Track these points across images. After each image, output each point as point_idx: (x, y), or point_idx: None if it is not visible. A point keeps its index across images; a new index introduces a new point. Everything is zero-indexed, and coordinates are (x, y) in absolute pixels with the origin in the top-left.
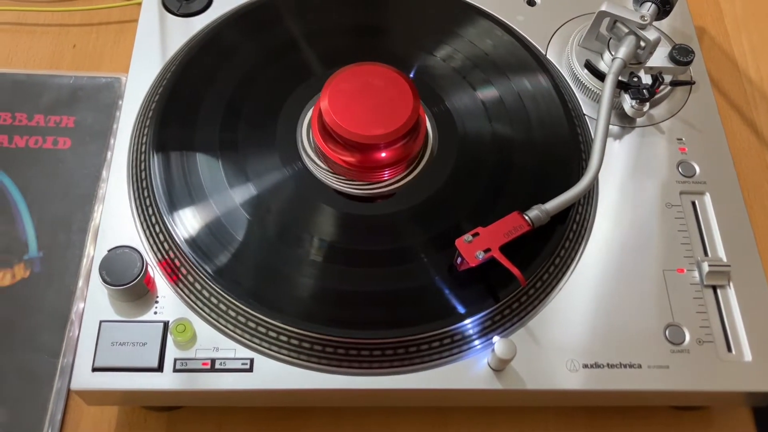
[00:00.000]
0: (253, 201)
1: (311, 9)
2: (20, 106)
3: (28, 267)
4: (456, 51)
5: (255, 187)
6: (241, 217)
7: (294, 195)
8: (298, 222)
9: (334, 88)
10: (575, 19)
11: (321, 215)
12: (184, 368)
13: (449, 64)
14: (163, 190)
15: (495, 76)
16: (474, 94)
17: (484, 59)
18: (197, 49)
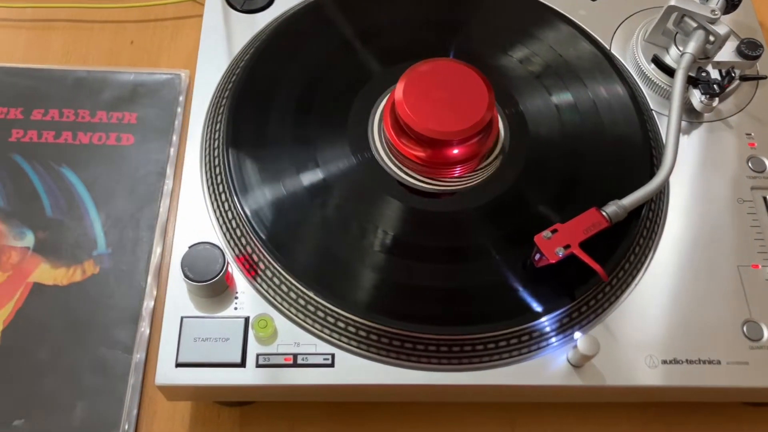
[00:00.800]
0: (326, 195)
1: (379, 3)
2: (82, 103)
3: (97, 263)
4: (530, 51)
5: (328, 181)
6: (318, 212)
7: (365, 188)
8: (376, 218)
9: (409, 82)
10: (638, 14)
11: (391, 209)
12: (267, 363)
13: (522, 63)
14: (238, 185)
15: (569, 78)
16: (545, 93)
17: (558, 60)
18: (267, 44)
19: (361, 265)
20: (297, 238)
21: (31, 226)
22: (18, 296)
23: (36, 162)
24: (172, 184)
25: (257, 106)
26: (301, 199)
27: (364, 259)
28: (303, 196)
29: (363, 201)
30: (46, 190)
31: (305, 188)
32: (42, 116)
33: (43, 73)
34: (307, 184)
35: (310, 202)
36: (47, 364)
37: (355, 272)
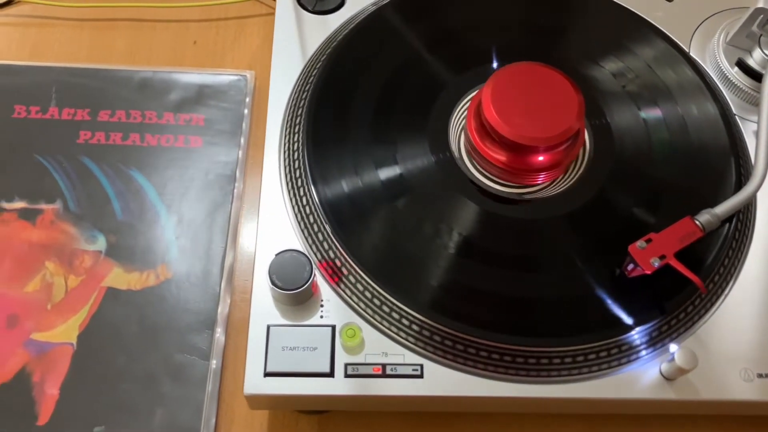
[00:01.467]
0: (411, 200)
1: (471, 3)
2: (149, 104)
3: (170, 268)
4: (621, 62)
5: (411, 184)
6: (401, 217)
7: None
8: (461, 224)
9: (498, 84)
10: (717, 15)
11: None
12: (356, 374)
13: (611, 75)
14: (320, 189)
15: (655, 88)
16: (633, 106)
17: (647, 72)
18: (344, 46)
19: (447, 273)
20: (380, 243)
21: (102, 229)
22: (92, 301)
23: (105, 164)
24: (242, 187)
25: (336, 110)
26: (384, 203)
27: (451, 267)
28: (385, 200)
29: (447, 206)
30: (115, 193)
31: (387, 192)
32: (109, 117)
33: (109, 74)
34: (388, 187)
35: (393, 207)
36: (125, 370)
37: (442, 280)
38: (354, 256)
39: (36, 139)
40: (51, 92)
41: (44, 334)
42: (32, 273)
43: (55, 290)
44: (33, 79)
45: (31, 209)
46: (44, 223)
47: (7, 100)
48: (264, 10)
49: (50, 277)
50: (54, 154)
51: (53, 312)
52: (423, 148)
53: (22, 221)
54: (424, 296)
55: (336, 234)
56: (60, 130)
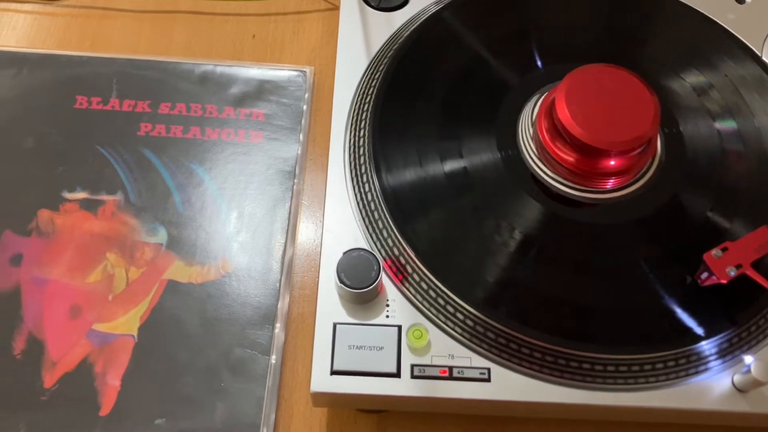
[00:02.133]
0: (477, 202)
1: (543, 1)
2: (209, 98)
3: (230, 262)
4: (698, 72)
5: (479, 185)
6: (467, 218)
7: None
8: (528, 227)
9: (572, 85)
10: None
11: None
12: (422, 375)
13: (687, 84)
14: (386, 186)
15: (731, 100)
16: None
17: (728, 87)
18: (411, 43)
19: (513, 275)
20: (444, 241)
21: (163, 222)
22: (153, 293)
23: (165, 157)
24: (301, 183)
25: (403, 106)
26: (449, 200)
27: (516, 268)
28: (450, 198)
29: (512, 205)
30: (176, 185)
31: (452, 188)
32: (170, 110)
33: (169, 66)
34: (453, 183)
35: (458, 205)
36: (186, 363)
37: (507, 281)
38: (418, 254)
39: (97, 130)
40: (112, 83)
41: (106, 324)
42: (94, 264)
43: (116, 282)
44: (94, 70)
45: (93, 200)
46: (106, 214)
47: (69, 91)
48: (322, 6)
49: (111, 269)
50: (115, 146)
51: (114, 303)
52: (490, 144)
53: (84, 212)
54: (489, 297)
55: (400, 231)
56: (121, 121)
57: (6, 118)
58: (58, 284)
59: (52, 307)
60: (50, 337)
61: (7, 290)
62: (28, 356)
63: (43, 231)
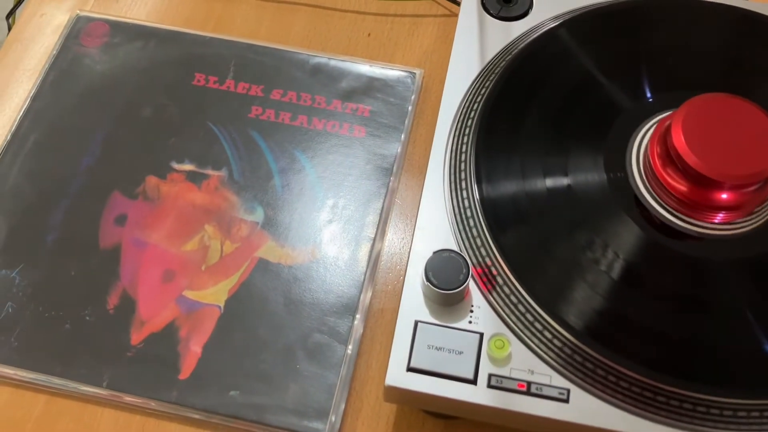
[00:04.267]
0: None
1: (669, 25)
2: (319, 90)
3: (320, 249)
4: None
5: (580, 205)
6: (564, 235)
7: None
8: (628, 250)
9: (691, 112)
10: None
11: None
12: (499, 386)
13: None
14: (484, 193)
15: None
16: None
17: None
18: (524, 56)
19: (607, 299)
20: (540, 257)
21: (261, 202)
22: (244, 269)
23: (272, 141)
24: (397, 182)
25: (510, 116)
26: (548, 216)
27: (612, 293)
28: (550, 214)
29: (613, 228)
30: (278, 169)
31: (550, 200)
32: (281, 97)
33: (285, 55)
34: (554, 200)
35: (557, 222)
36: (265, 341)
37: (601, 306)
38: (511, 266)
39: (211, 108)
40: (230, 65)
41: (195, 293)
42: (192, 233)
43: (210, 253)
44: (215, 51)
45: (199, 173)
46: (209, 188)
47: (190, 68)
48: (440, 11)
49: (208, 240)
50: (225, 124)
51: (206, 273)
52: (597, 163)
53: (189, 183)
54: (580, 319)
55: (495, 241)
56: (234, 102)
57: (131, 87)
58: (156, 248)
59: (148, 269)
60: (142, 297)
61: (109, 248)
62: (120, 312)
63: (149, 196)
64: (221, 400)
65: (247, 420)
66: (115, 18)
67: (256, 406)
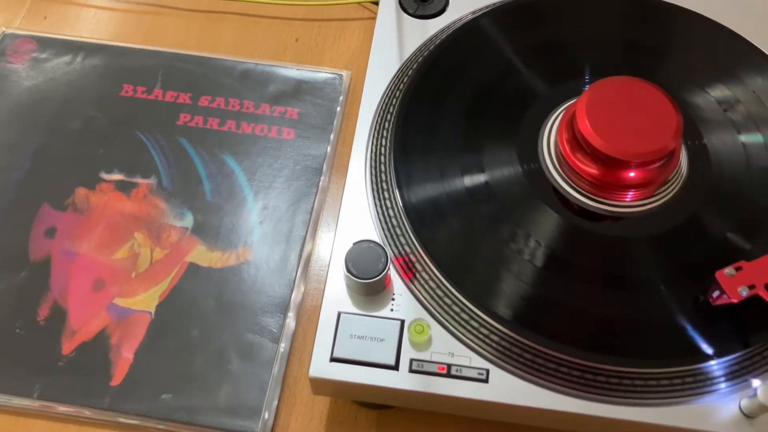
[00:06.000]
0: (491, 207)
1: (561, 17)
2: (248, 94)
3: (251, 250)
4: (726, 89)
5: (493, 190)
6: (479, 221)
7: (533, 202)
8: (540, 232)
9: (594, 96)
10: None
11: (563, 228)
12: (420, 370)
13: (710, 96)
14: (403, 189)
15: (761, 119)
16: (735, 133)
17: (753, 100)
18: (439, 52)
19: (522, 281)
20: (457, 244)
21: (191, 207)
22: (174, 274)
23: (200, 147)
24: (327, 181)
25: (427, 112)
26: (464, 206)
27: (526, 275)
28: (465, 203)
29: (526, 214)
30: (207, 174)
31: (468, 195)
32: (209, 103)
33: (213, 62)
34: (470, 191)
35: (473, 210)
36: (197, 344)
37: (516, 287)
38: (430, 253)
39: (139, 117)
40: (158, 75)
41: (126, 300)
42: (122, 242)
43: (140, 260)
44: (143, 61)
45: (128, 182)
46: (138, 196)
47: (117, 79)
48: (366, 14)
49: (137, 248)
50: (154, 133)
51: (137, 280)
52: (511, 156)
53: (118, 192)
54: (496, 301)
55: (414, 231)
56: (162, 110)
57: (59, 100)
58: (86, 258)
59: (78, 278)
60: (73, 307)
61: (39, 260)
62: (50, 323)
63: (79, 207)
64: (154, 404)
65: (179, 422)
66: (42, 34)
67: (188, 408)
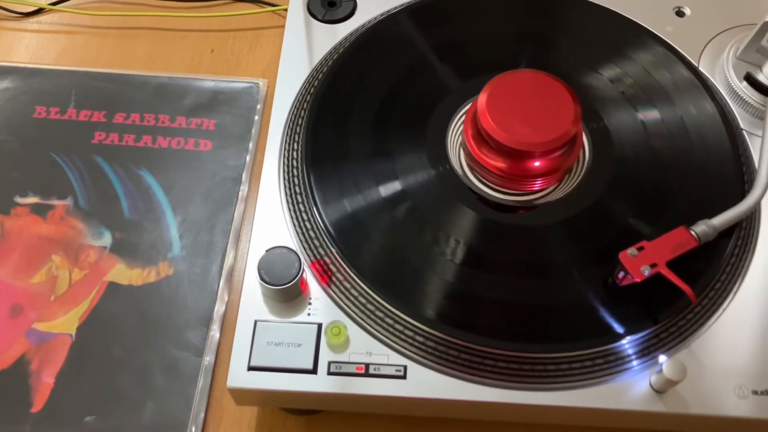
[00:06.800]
0: (402, 205)
1: (462, 16)
2: (163, 108)
3: (171, 265)
4: (619, 69)
5: (405, 191)
6: (392, 221)
7: (443, 199)
8: (448, 227)
9: (493, 92)
10: (728, 31)
11: (470, 220)
12: (339, 371)
13: (609, 81)
14: (315, 192)
15: (656, 96)
16: (633, 113)
17: (646, 79)
18: (347, 55)
19: (435, 276)
20: (372, 246)
21: (109, 226)
22: (94, 294)
23: (116, 164)
24: (247, 190)
25: (336, 117)
26: (377, 208)
27: (439, 270)
28: (379, 206)
29: (440, 212)
30: (125, 191)
31: (381, 198)
32: (124, 120)
33: (127, 79)
34: (383, 194)
35: (386, 212)
36: (120, 363)
37: (429, 282)
38: (343, 254)
39: (53, 138)
40: (71, 94)
41: (46, 324)
42: (39, 265)
43: (59, 282)
44: (56, 81)
45: (44, 204)
46: (55, 218)
47: (29, 101)
48: (281, 22)
49: (56, 270)
50: (69, 153)
51: (56, 303)
52: (420, 158)
53: (34, 216)
54: (411, 297)
55: (328, 234)
56: (76, 130)
57: None
58: (2, 284)
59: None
60: None
61: None
62: None
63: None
64: (77, 428)
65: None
66: None
67: (112, 429)
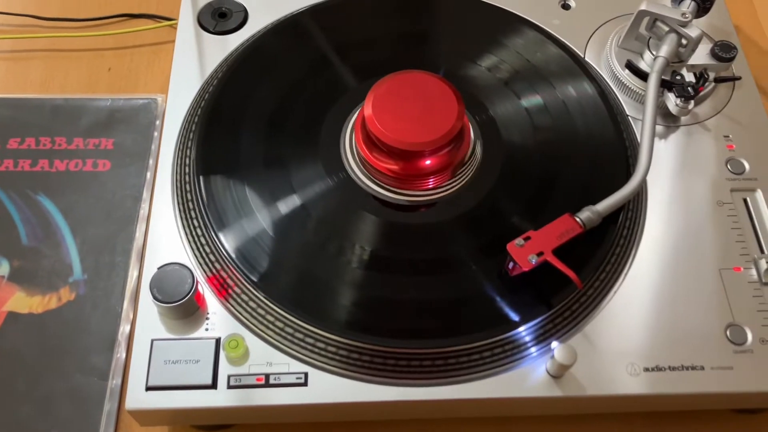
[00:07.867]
0: (298, 213)
1: (348, 20)
2: (59, 131)
3: (73, 290)
4: (498, 59)
5: (300, 199)
6: (287, 230)
7: (339, 205)
8: (344, 232)
9: (378, 96)
10: (611, 21)
11: (366, 224)
12: (239, 384)
13: (491, 72)
14: (209, 206)
15: (538, 82)
16: (517, 102)
17: (526, 66)
18: (236, 65)
19: (331, 280)
20: (267, 256)
21: (6, 255)
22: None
23: (12, 191)
24: (148, 207)
25: (227, 129)
26: (271, 218)
27: (335, 274)
28: (273, 215)
29: (337, 218)
30: (22, 218)
31: (275, 207)
32: (18, 145)
33: (21, 103)
34: (277, 202)
35: (282, 221)
36: (23, 394)
37: (326, 287)
38: (238, 267)
39: None
40: None
41: None
42: None
43: None
44: None
45: None
46: None
47: None
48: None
49: None
50: None
51: None
52: (315, 166)
53: None
54: (306, 303)
55: (223, 248)
56: None
57: None
58: None
59: None
60: None
61: None
62: None
63: None
64: None
65: None
66: None
67: None
